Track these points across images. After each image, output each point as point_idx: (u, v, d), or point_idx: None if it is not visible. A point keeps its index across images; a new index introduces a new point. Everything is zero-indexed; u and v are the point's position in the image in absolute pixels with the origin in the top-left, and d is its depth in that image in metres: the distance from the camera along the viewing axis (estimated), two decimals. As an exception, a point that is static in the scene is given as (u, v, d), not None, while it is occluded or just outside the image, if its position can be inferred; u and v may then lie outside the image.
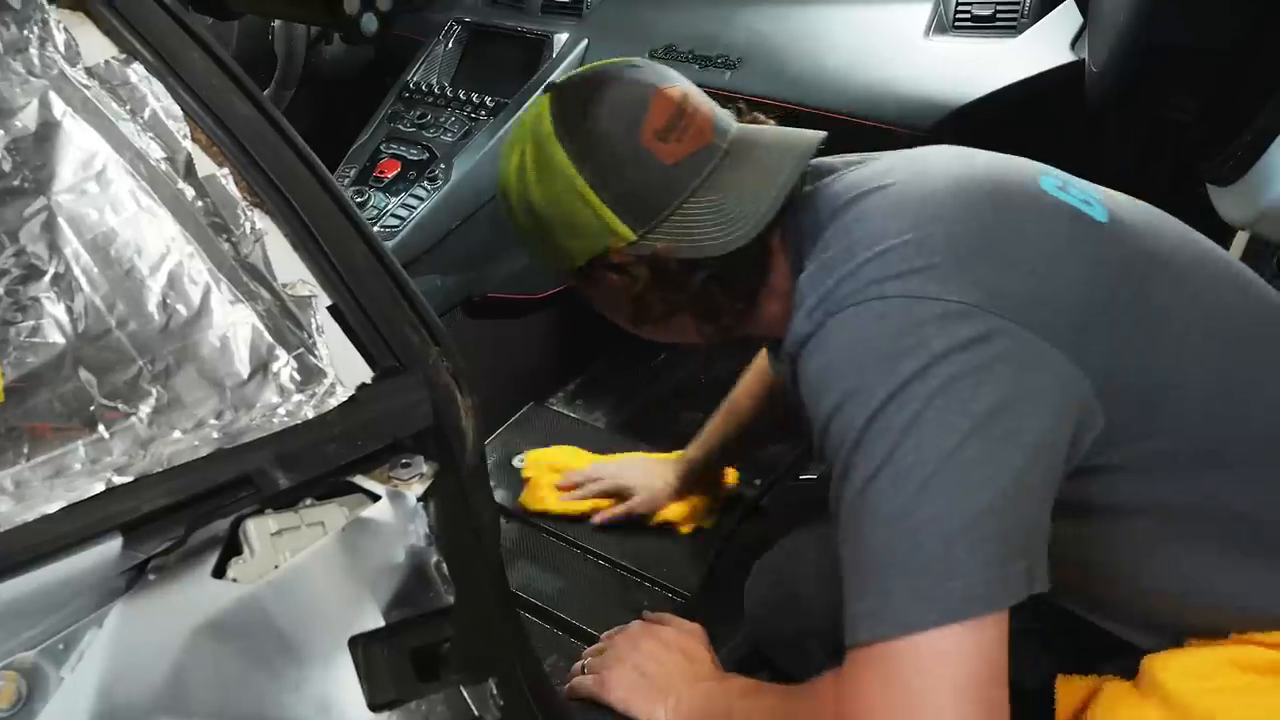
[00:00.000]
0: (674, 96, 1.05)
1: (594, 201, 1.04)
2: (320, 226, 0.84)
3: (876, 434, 0.87)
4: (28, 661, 0.66)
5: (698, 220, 1.03)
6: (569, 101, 1.06)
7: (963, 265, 0.92)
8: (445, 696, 0.75)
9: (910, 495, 0.85)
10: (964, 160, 1.06)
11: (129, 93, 0.84)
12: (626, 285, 1.07)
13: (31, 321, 0.75)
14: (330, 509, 0.77)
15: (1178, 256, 1.01)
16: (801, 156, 1.05)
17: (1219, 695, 0.94)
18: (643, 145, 1.03)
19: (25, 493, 0.70)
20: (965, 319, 0.88)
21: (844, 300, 0.93)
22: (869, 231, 0.97)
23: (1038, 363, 0.89)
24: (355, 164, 2.13)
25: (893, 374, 0.87)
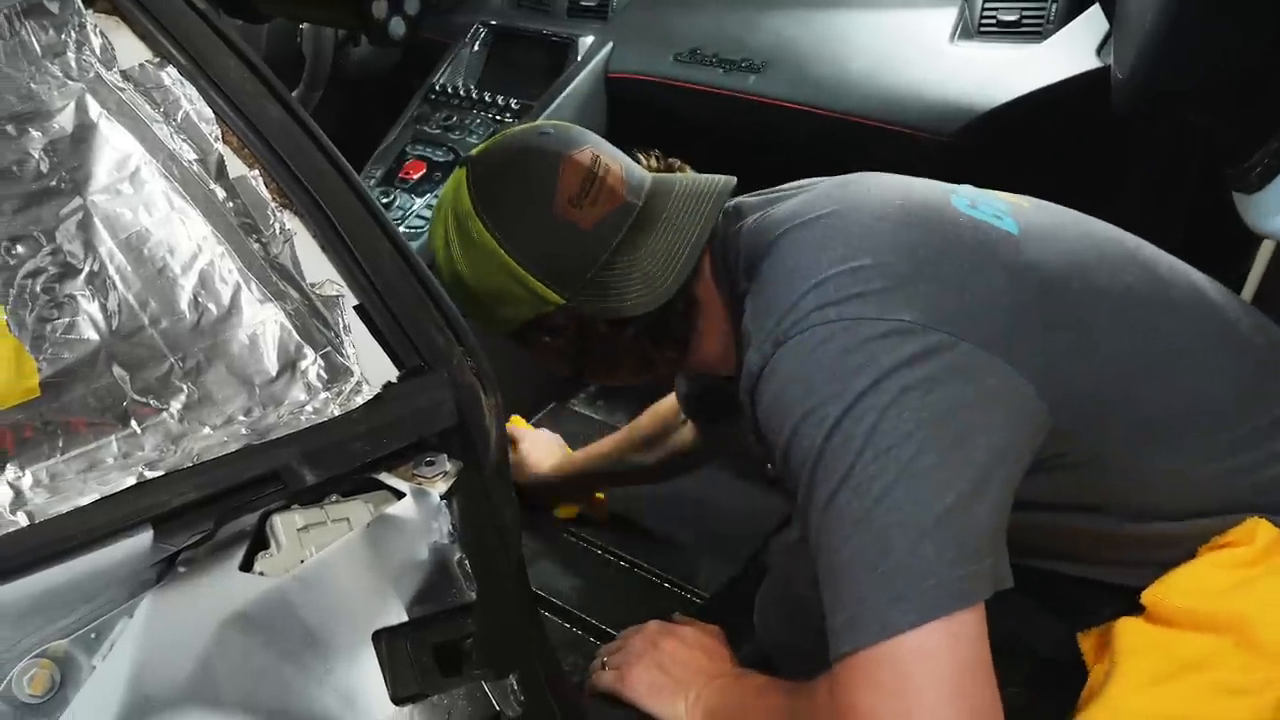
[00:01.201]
0: (584, 161, 1.08)
1: (518, 272, 1.06)
2: (348, 228, 0.85)
3: (835, 450, 0.90)
4: (61, 650, 0.68)
5: (619, 281, 1.06)
6: (486, 175, 1.09)
7: (898, 287, 0.95)
8: (467, 691, 0.76)
9: (873, 503, 0.87)
10: (883, 188, 1.09)
11: (163, 95, 0.86)
12: (562, 346, 1.12)
13: (67, 319, 0.77)
14: (355, 505, 0.79)
15: (1084, 252, 1.05)
16: (715, 204, 1.09)
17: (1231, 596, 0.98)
18: (557, 214, 1.05)
19: (59, 485, 0.71)
20: (909, 335, 0.92)
21: (789, 330, 0.96)
22: (805, 263, 1.00)
23: (981, 371, 0.92)
24: (381, 165, 2.14)
25: (845, 391, 0.90)
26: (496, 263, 1.07)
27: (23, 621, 0.67)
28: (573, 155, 1.08)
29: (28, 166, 0.80)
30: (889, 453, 0.88)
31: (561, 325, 1.10)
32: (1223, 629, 0.98)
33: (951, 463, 0.88)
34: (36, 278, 0.77)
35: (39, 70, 0.83)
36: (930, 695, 0.84)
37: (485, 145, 1.13)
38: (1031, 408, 0.94)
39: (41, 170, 0.80)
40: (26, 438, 0.73)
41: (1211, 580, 1.00)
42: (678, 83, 2.00)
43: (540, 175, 1.07)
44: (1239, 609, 0.98)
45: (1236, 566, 1.00)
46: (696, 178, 1.12)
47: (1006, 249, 1.01)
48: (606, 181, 1.07)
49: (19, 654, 0.67)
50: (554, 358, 1.16)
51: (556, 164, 1.07)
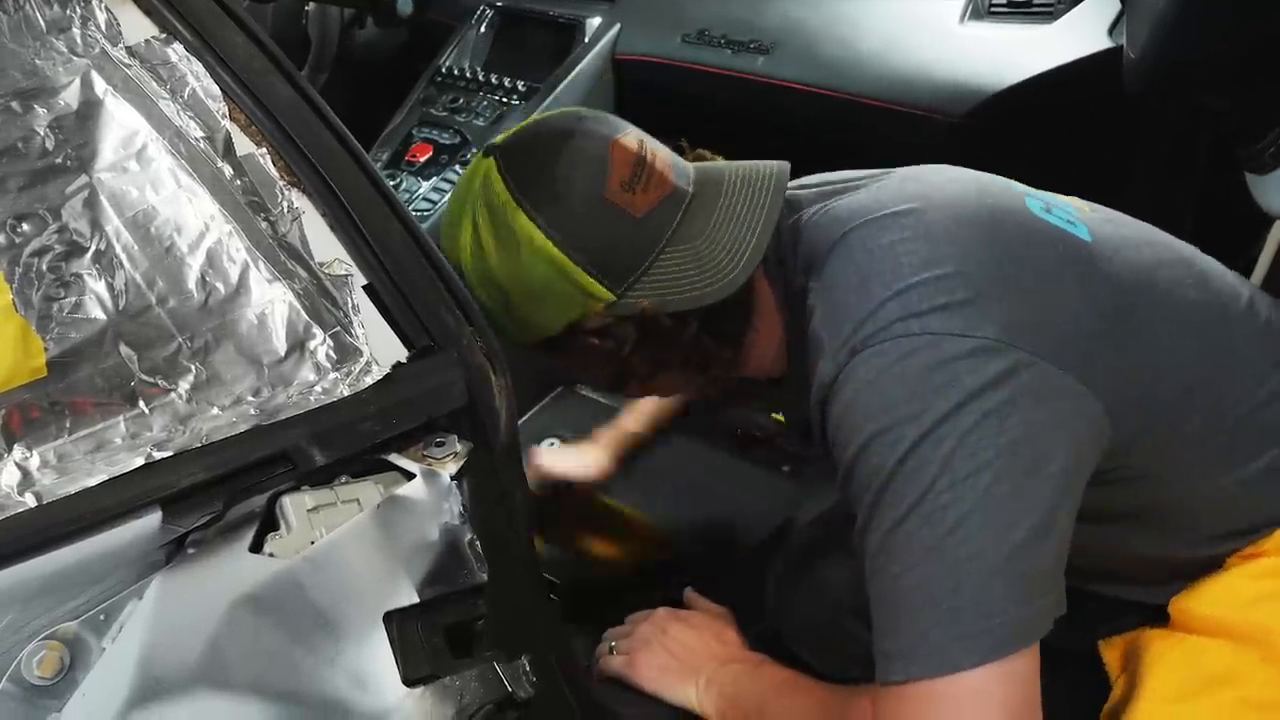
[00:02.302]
0: (631, 145, 0.99)
1: (567, 266, 0.96)
2: (357, 207, 0.84)
3: (908, 474, 0.87)
4: (70, 632, 0.67)
5: (678, 273, 0.98)
6: (521, 162, 0.99)
7: (980, 299, 0.92)
8: (479, 672, 0.76)
9: (944, 534, 0.85)
10: (959, 186, 1.05)
11: (169, 72, 0.85)
12: (610, 349, 1.01)
13: (74, 298, 0.76)
14: (365, 486, 0.78)
15: (1149, 263, 1.02)
16: (776, 190, 1.01)
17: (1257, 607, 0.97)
18: (609, 201, 0.97)
19: (67, 466, 0.71)
20: (992, 354, 0.88)
21: (867, 340, 0.92)
22: (884, 266, 0.95)
23: (1056, 392, 0.89)
24: (388, 147, 2.13)
25: (924, 413, 0.87)
26: (541, 257, 0.97)
27: (32, 603, 0.67)
28: (620, 139, 1.00)
29: (33, 144, 0.79)
30: (965, 482, 0.85)
31: (613, 324, 1.00)
32: (1248, 641, 0.97)
33: (1025, 494, 0.86)
34: (42, 256, 0.76)
35: (44, 46, 0.82)
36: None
37: (512, 132, 1.03)
38: (1098, 425, 0.91)
39: (47, 147, 0.79)
40: (34, 418, 0.72)
41: (1240, 591, 0.99)
42: (685, 64, 1.99)
43: (589, 159, 0.98)
44: (1264, 622, 0.97)
45: (1265, 577, 0.99)
46: (746, 164, 1.05)
47: (1082, 258, 0.98)
48: (656, 167, 0.99)
49: (28, 636, 0.67)
50: (594, 365, 1.06)
51: (606, 148, 0.99)
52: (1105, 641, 1.07)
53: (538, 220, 0.97)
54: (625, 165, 0.98)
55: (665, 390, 1.11)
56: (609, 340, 1.01)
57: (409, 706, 0.73)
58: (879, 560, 0.89)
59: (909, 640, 0.86)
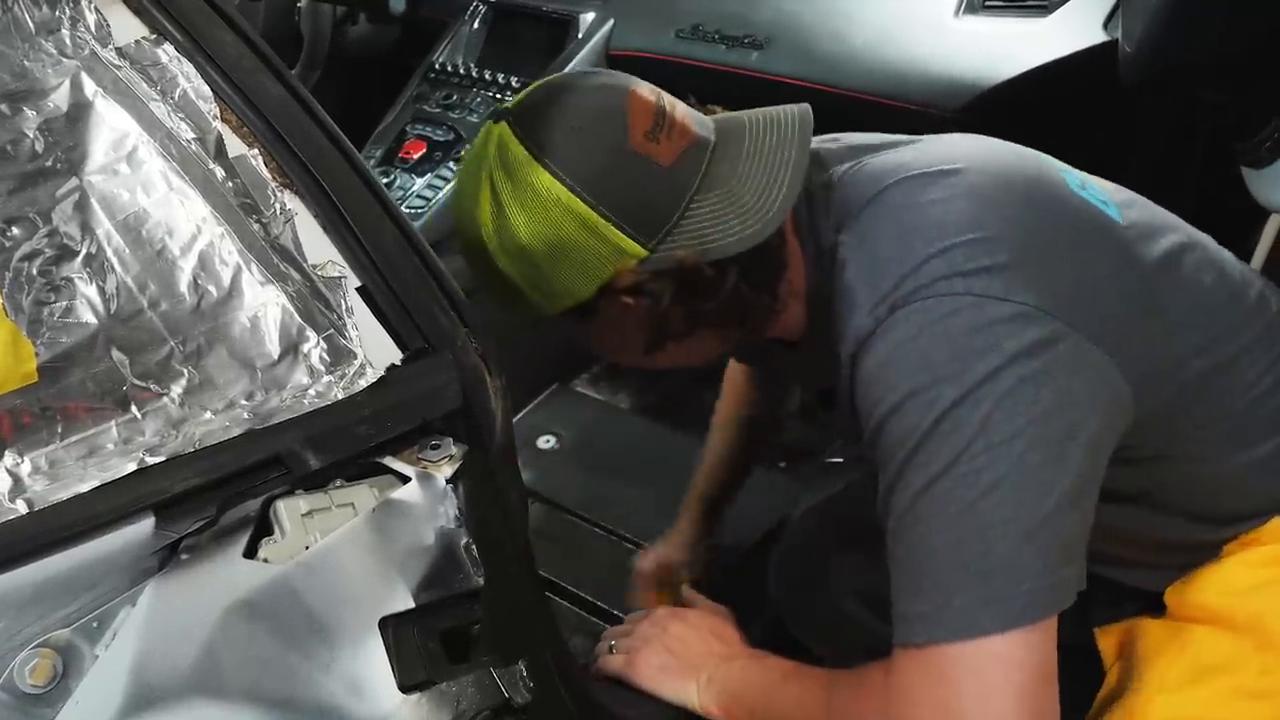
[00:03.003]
0: (649, 96, 0.97)
1: (596, 222, 0.93)
2: (350, 208, 0.84)
3: (944, 434, 0.86)
4: (63, 639, 0.67)
5: (712, 219, 0.95)
6: (537, 121, 0.95)
7: (1024, 266, 0.91)
8: (475, 678, 0.75)
9: (978, 497, 0.85)
10: (1000, 155, 1.04)
11: (159, 73, 0.84)
12: (646, 307, 0.97)
13: (64, 302, 0.76)
14: (360, 490, 0.78)
15: (1173, 247, 1.02)
16: (802, 129, 0.99)
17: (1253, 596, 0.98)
18: (635, 150, 0.93)
19: (59, 472, 0.70)
20: (1031, 322, 0.88)
21: (909, 296, 0.90)
22: (925, 223, 0.94)
23: (1087, 365, 0.89)
24: (381, 145, 2.13)
25: (964, 374, 0.86)
26: (569, 215, 0.93)
27: (24, 610, 0.66)
28: (635, 90, 0.96)
29: (22, 146, 0.78)
30: (1000, 446, 0.85)
31: (647, 279, 0.95)
32: (1242, 629, 0.98)
33: (1057, 462, 0.86)
34: (33, 260, 0.76)
35: (33, 48, 0.81)
36: (996, 701, 0.84)
37: (521, 96, 0.99)
38: (1123, 403, 0.92)
39: (36, 150, 0.79)
40: (25, 424, 0.72)
41: (1235, 579, 1.00)
42: (679, 60, 1.99)
43: (608, 110, 0.95)
44: (1257, 609, 0.98)
45: (1261, 565, 1.00)
46: (765, 109, 1.02)
47: (1115, 238, 0.98)
48: (676, 115, 0.96)
49: (20, 643, 0.66)
50: (625, 331, 1.01)
51: (623, 99, 0.95)
52: (1101, 629, 1.07)
53: (562, 177, 0.93)
54: (646, 115, 0.95)
55: (697, 353, 1.06)
56: (644, 298, 0.97)
57: (405, 713, 0.72)
58: (906, 520, 0.88)
59: (934, 602, 0.86)
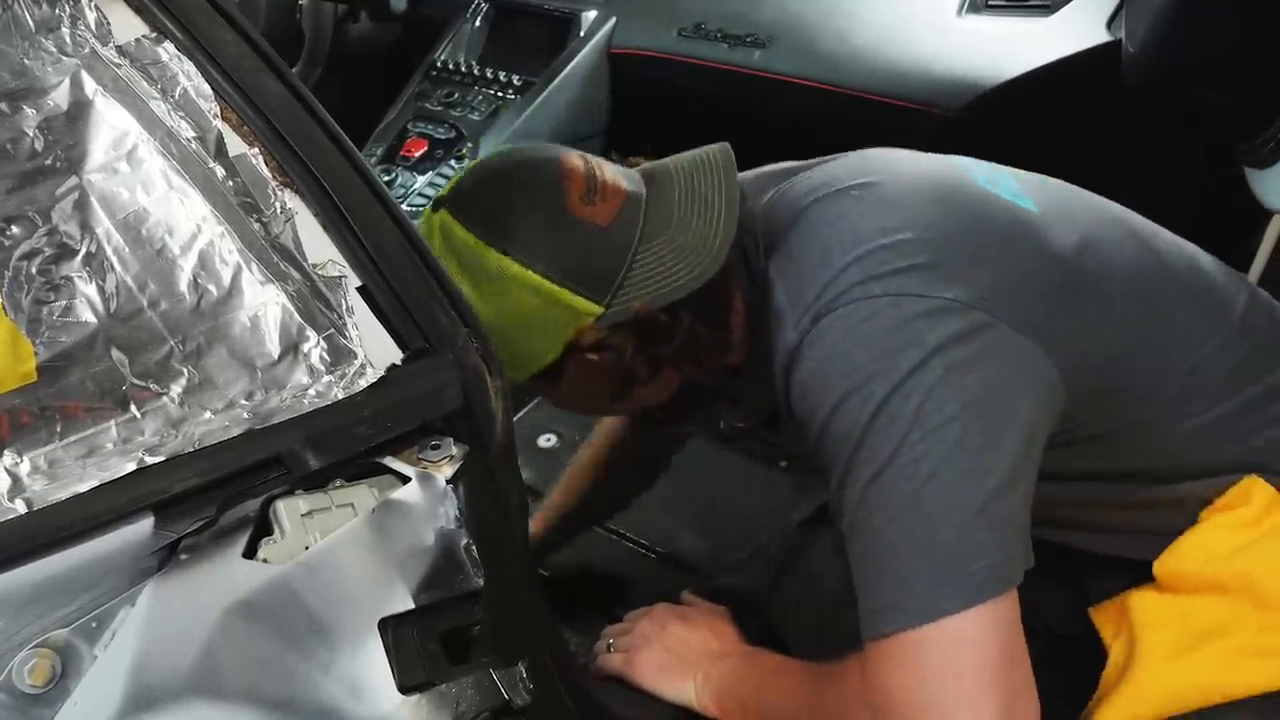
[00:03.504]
0: (577, 163, 1.01)
1: (551, 290, 0.97)
2: (350, 207, 0.83)
3: (880, 428, 0.89)
4: (61, 639, 0.66)
5: (658, 266, 0.99)
6: (475, 205, 1.00)
7: (939, 264, 0.94)
8: (475, 679, 0.75)
9: (921, 484, 0.87)
10: (908, 163, 1.08)
11: (160, 71, 0.84)
12: (610, 359, 1.02)
13: (64, 301, 0.75)
14: (360, 490, 0.77)
15: (1094, 230, 1.04)
16: (726, 165, 1.03)
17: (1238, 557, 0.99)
18: (575, 216, 0.98)
19: (58, 472, 0.70)
20: (951, 314, 0.91)
21: (830, 304, 0.94)
22: (844, 233, 0.98)
23: (1014, 351, 0.92)
24: (382, 142, 2.13)
25: (891, 369, 0.89)
26: (523, 289, 0.98)
27: (22, 611, 0.66)
28: (564, 158, 1.02)
29: (22, 145, 0.78)
30: (936, 433, 0.88)
31: (607, 335, 1.00)
32: (1235, 591, 0.99)
33: (995, 444, 0.89)
34: (32, 259, 0.75)
35: (32, 46, 0.81)
36: (970, 682, 0.86)
37: (453, 185, 1.05)
38: (1055, 391, 0.94)
39: (36, 149, 0.79)
40: (24, 423, 0.71)
41: (1218, 544, 1.01)
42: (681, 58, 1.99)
43: (542, 182, 1.00)
44: (1247, 570, 0.99)
45: (1239, 528, 1.01)
46: (685, 155, 1.07)
47: (1029, 228, 1.01)
48: (606, 177, 1.01)
49: (19, 643, 0.66)
50: (591, 384, 1.06)
51: (555, 167, 1.01)
52: (1096, 609, 1.08)
53: (511, 253, 0.98)
54: (578, 181, 1.00)
55: (659, 394, 1.10)
56: (608, 351, 1.01)
57: (404, 714, 0.72)
58: (858, 516, 0.91)
59: (893, 593, 0.88)
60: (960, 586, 0.86)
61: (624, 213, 1.00)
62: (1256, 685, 0.96)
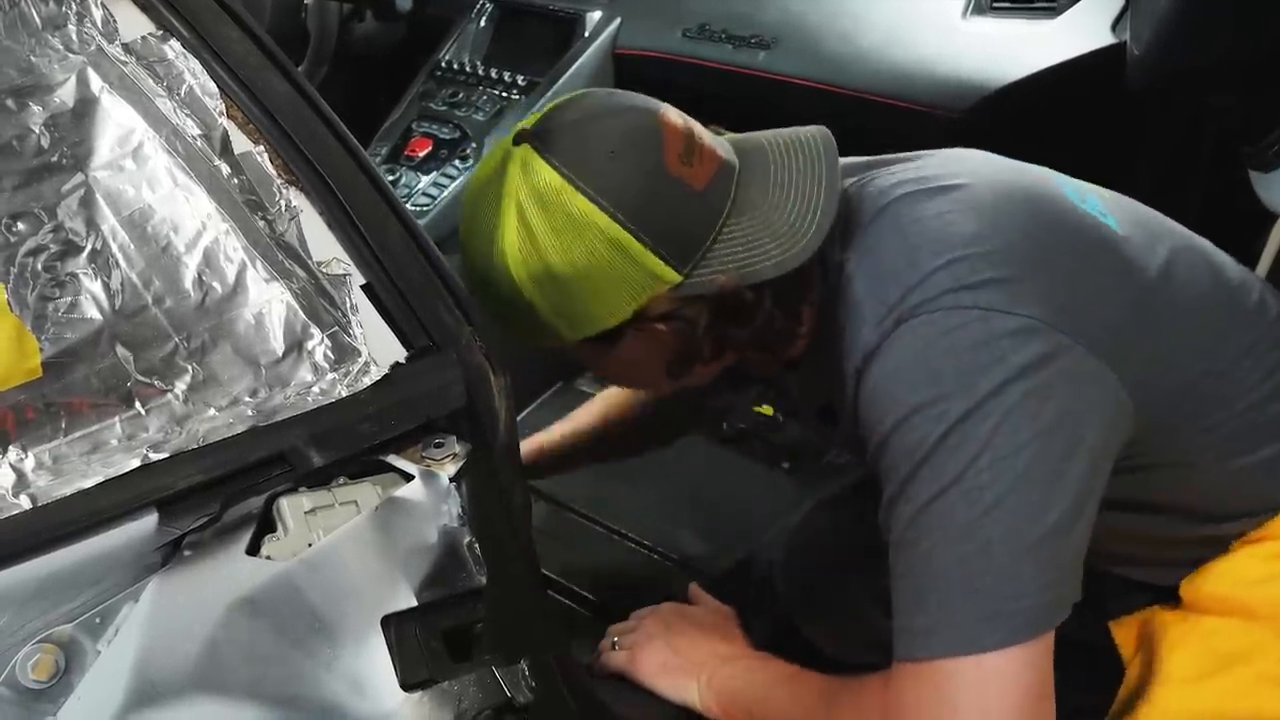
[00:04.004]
0: (677, 120, 0.95)
1: (634, 248, 0.91)
2: (355, 205, 0.83)
3: (951, 449, 0.87)
4: (65, 634, 0.67)
5: (746, 243, 0.94)
6: (566, 145, 0.92)
7: (1028, 279, 0.91)
8: (477, 677, 0.75)
9: (983, 512, 0.85)
10: (1001, 169, 1.05)
11: (166, 69, 0.84)
12: (679, 332, 0.96)
13: (69, 298, 0.75)
14: (364, 488, 0.77)
15: (1170, 256, 1.02)
16: (828, 149, 0.98)
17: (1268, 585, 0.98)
18: (672, 174, 0.91)
19: (63, 468, 0.70)
20: (1036, 335, 0.89)
21: (915, 309, 0.91)
22: (931, 236, 0.94)
23: (1090, 376, 0.90)
24: (387, 142, 2.12)
25: (971, 389, 0.87)
26: (606, 241, 0.90)
27: (27, 606, 0.66)
28: (664, 113, 0.94)
29: (28, 142, 0.78)
30: (1005, 461, 0.85)
31: (680, 306, 0.94)
32: (1261, 618, 0.98)
33: (1060, 477, 0.87)
34: (38, 256, 0.76)
35: (39, 43, 0.81)
36: (995, 716, 0.85)
37: (541, 117, 0.96)
38: (1125, 414, 0.92)
39: (42, 145, 0.79)
40: (29, 419, 0.71)
41: (1249, 570, 1.00)
42: (686, 59, 1.98)
43: (642, 133, 0.93)
44: (1275, 597, 0.98)
45: (1271, 558, 1.00)
46: (780, 132, 1.01)
47: (1115, 250, 0.99)
48: (704, 139, 0.95)
49: (23, 639, 0.66)
50: (647, 358, 0.99)
51: (657, 119, 0.93)
52: (1116, 622, 1.08)
53: (600, 201, 0.90)
54: (678, 138, 0.93)
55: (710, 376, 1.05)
56: (678, 323, 0.95)
57: (407, 712, 0.72)
58: (909, 534, 0.89)
59: (934, 617, 0.86)
60: (1004, 622, 0.85)
61: (718, 180, 0.94)
62: (1275, 713, 0.95)
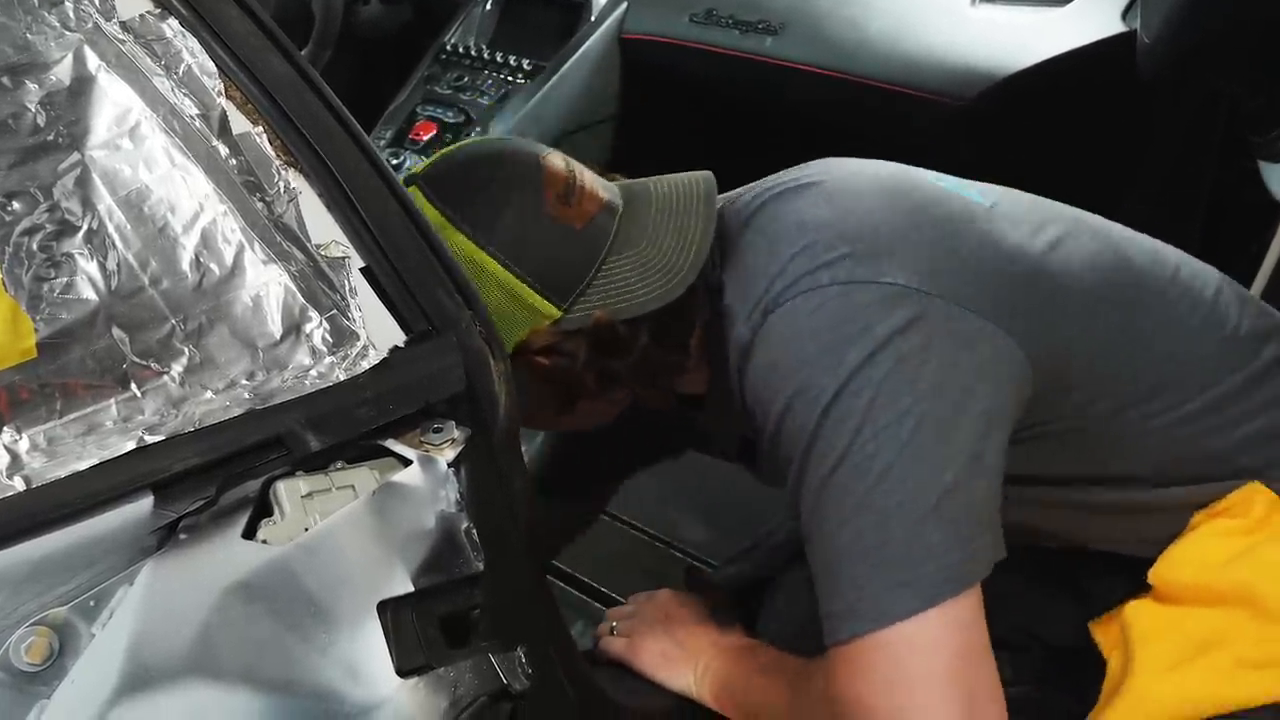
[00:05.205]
0: (558, 164, 1.00)
1: (512, 284, 0.97)
2: (354, 187, 0.83)
3: (830, 429, 0.87)
4: (60, 617, 0.66)
5: (624, 279, 0.98)
6: (451, 187, 0.99)
7: (887, 248, 0.93)
8: (473, 663, 0.75)
9: (872, 485, 0.85)
10: (857, 164, 1.07)
11: (164, 48, 0.83)
12: (561, 367, 1.00)
13: (65, 278, 0.75)
14: (361, 472, 0.77)
15: (1055, 229, 1.02)
16: (708, 189, 1.03)
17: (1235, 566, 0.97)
18: (548, 214, 0.97)
19: (57, 449, 0.70)
20: (902, 299, 0.89)
21: (778, 298, 0.93)
22: (788, 227, 0.97)
23: (974, 335, 0.90)
24: (391, 126, 2.12)
25: (839, 365, 0.88)
26: (485, 277, 0.96)
27: (20, 588, 0.65)
28: (546, 157, 1.01)
29: (24, 120, 0.77)
30: (887, 430, 0.86)
31: (560, 340, 0.99)
32: (1233, 601, 0.97)
33: (950, 437, 0.87)
34: (33, 235, 0.75)
35: (35, 20, 0.80)
36: (924, 688, 0.84)
37: (431, 163, 1.04)
38: (1018, 370, 0.92)
39: (38, 124, 0.78)
40: (23, 400, 0.71)
41: (1213, 552, 1.00)
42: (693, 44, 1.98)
43: (522, 174, 0.99)
44: (1245, 579, 0.97)
45: (1236, 535, 0.99)
46: (667, 177, 1.06)
47: (984, 218, 1.00)
48: (584, 181, 1.01)
49: (17, 621, 0.65)
50: (539, 390, 1.03)
51: (536, 162, 1.00)
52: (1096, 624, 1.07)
53: (479, 239, 0.97)
54: (558, 180, 0.99)
55: (608, 412, 1.09)
56: (558, 357, 1.00)
57: (402, 698, 0.72)
58: (812, 520, 0.89)
59: (848, 598, 0.86)
60: (914, 589, 0.84)
61: (598, 221, 0.99)
62: (1254, 697, 0.94)
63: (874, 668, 0.85)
